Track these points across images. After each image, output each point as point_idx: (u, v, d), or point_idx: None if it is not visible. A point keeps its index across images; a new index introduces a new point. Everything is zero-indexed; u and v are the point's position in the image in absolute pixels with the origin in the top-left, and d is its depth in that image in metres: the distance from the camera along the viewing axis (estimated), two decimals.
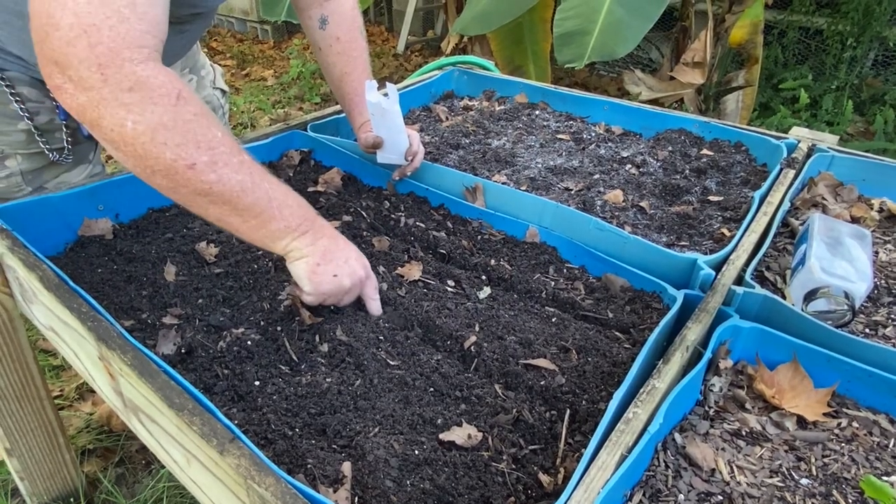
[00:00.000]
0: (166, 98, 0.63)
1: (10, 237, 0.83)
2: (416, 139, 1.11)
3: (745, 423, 0.69)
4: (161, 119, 0.62)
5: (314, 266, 0.74)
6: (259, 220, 0.70)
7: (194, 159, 0.64)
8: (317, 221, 0.77)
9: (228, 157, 0.67)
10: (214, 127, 0.67)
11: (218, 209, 0.68)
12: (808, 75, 3.39)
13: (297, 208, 0.74)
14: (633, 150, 1.27)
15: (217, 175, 0.66)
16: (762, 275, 0.92)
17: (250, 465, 0.51)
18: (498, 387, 0.71)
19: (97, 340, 0.65)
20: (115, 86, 0.60)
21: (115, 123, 0.61)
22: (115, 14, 0.60)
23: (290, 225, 0.73)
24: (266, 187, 0.70)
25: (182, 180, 0.65)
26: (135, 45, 0.62)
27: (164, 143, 0.63)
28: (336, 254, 0.76)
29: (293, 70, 4.06)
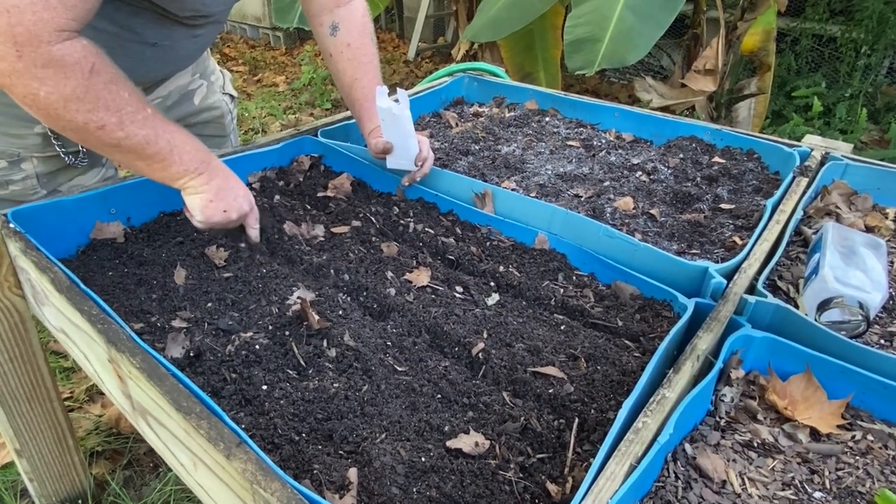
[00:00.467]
0: (79, 72, 0.70)
1: (24, 239, 0.84)
2: (425, 145, 1.11)
3: (757, 435, 0.68)
4: (74, 91, 0.70)
5: (207, 202, 0.87)
6: (162, 164, 0.82)
7: (104, 122, 0.74)
8: (212, 163, 0.88)
9: (134, 114, 0.76)
10: (123, 90, 0.75)
11: (125, 156, 0.80)
12: (822, 83, 3.37)
13: (195, 153, 0.85)
14: (644, 157, 1.26)
15: (125, 132, 0.76)
16: (774, 284, 0.91)
17: (256, 470, 0.51)
18: (506, 394, 0.71)
19: (107, 343, 0.66)
20: (29, 62, 0.66)
21: (27, 92, 0.69)
22: (41, 1, 0.65)
23: (188, 168, 0.84)
24: (167, 137, 0.81)
25: (93, 138, 0.75)
26: (55, 29, 0.67)
27: (76, 111, 0.71)
28: (227, 192, 0.89)
29: (305, 76, 4.09)
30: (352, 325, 0.81)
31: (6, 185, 1.02)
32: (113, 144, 0.77)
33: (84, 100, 0.71)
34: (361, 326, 0.81)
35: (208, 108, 1.25)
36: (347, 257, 0.98)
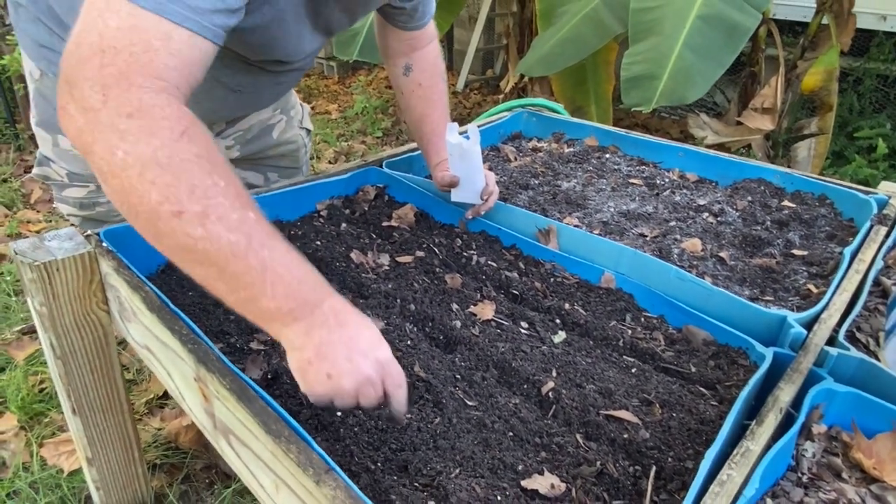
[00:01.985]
0: (168, 131, 0.57)
1: (116, 259, 0.89)
2: (491, 179, 1.13)
3: (843, 494, 0.65)
4: (155, 154, 0.56)
5: (305, 364, 0.62)
6: (248, 293, 0.59)
7: (183, 206, 0.56)
8: (319, 307, 0.62)
9: (226, 211, 0.57)
10: (218, 174, 0.58)
11: (203, 270, 0.59)
12: (886, 124, 3.26)
13: (297, 286, 0.61)
14: (710, 199, 1.25)
15: (205, 230, 0.56)
16: (853, 335, 0.88)
17: (346, 498, 0.52)
18: (579, 436, 0.70)
19: (196, 363, 0.69)
20: (114, 109, 0.56)
21: (106, 151, 0.56)
22: (142, 43, 0.57)
23: (280, 307, 0.60)
24: (264, 255, 0.59)
25: (166, 229, 0.57)
26: (152, 74, 0.57)
27: (151, 182, 0.55)
28: (335, 347, 0.61)
29: (357, 105, 4.22)
30: (421, 355, 0.82)
31: (93, 206, 1.08)
32: (187, 245, 0.57)
33: (166, 169, 0.55)
34: (430, 358, 0.82)
35: (286, 142, 1.30)
36: (412, 287, 1.00)
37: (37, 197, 2.66)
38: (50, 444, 1.39)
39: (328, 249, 1.08)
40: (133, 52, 0.57)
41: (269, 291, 0.59)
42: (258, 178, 1.31)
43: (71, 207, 1.07)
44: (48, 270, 0.87)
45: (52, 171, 1.03)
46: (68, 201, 1.06)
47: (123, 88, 0.56)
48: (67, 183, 1.03)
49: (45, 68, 0.94)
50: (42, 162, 1.04)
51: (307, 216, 1.20)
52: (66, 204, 1.07)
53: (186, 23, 0.59)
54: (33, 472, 1.33)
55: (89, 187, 1.04)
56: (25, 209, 2.61)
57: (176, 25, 0.59)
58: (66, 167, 1.02)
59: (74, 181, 1.03)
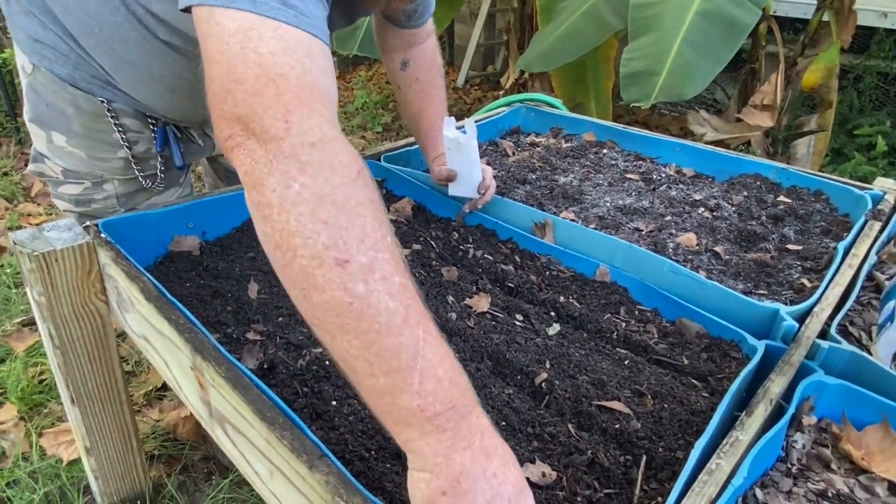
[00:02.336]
0: (347, 169, 0.52)
1: (114, 249, 0.90)
2: (488, 173, 1.13)
3: (832, 485, 0.66)
4: (333, 192, 0.50)
5: (437, 494, 0.49)
6: (390, 379, 0.49)
7: (350, 255, 0.49)
8: (467, 418, 0.51)
9: (391, 270, 0.50)
10: (386, 226, 0.53)
11: (347, 342, 0.49)
12: (886, 122, 3.26)
13: (448, 385, 0.50)
14: (706, 194, 1.26)
15: (367, 288, 0.49)
16: (845, 329, 0.89)
17: (339, 483, 0.52)
18: (571, 426, 0.71)
19: (192, 352, 0.69)
20: (297, 136, 0.51)
21: (280, 183, 0.50)
22: (298, 63, 0.54)
23: (425, 407, 0.49)
24: (419, 335, 0.50)
25: (322, 280, 0.49)
26: (323, 98, 0.54)
27: (324, 222, 0.49)
28: (477, 484, 0.49)
29: (358, 100, 4.22)
30: None
31: (89, 202, 1.09)
32: (342, 304, 0.49)
33: (341, 209, 0.50)
34: None
35: None
36: None
37: (37, 190, 2.67)
38: (49, 434, 1.41)
39: None
40: (297, 75, 0.53)
41: (416, 384, 0.49)
42: None
43: (67, 204, 1.07)
44: (47, 260, 0.88)
45: (47, 168, 1.04)
46: (64, 197, 1.06)
47: (305, 114, 0.52)
48: (62, 180, 1.04)
49: (37, 63, 0.94)
50: (37, 158, 1.04)
51: None
52: (62, 200, 1.07)
53: (313, 30, 0.56)
54: (32, 462, 1.34)
55: (84, 184, 1.05)
56: (26, 202, 2.62)
57: (311, 37, 0.56)
58: (60, 164, 1.02)
59: (69, 178, 1.03)
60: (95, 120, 0.99)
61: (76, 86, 0.95)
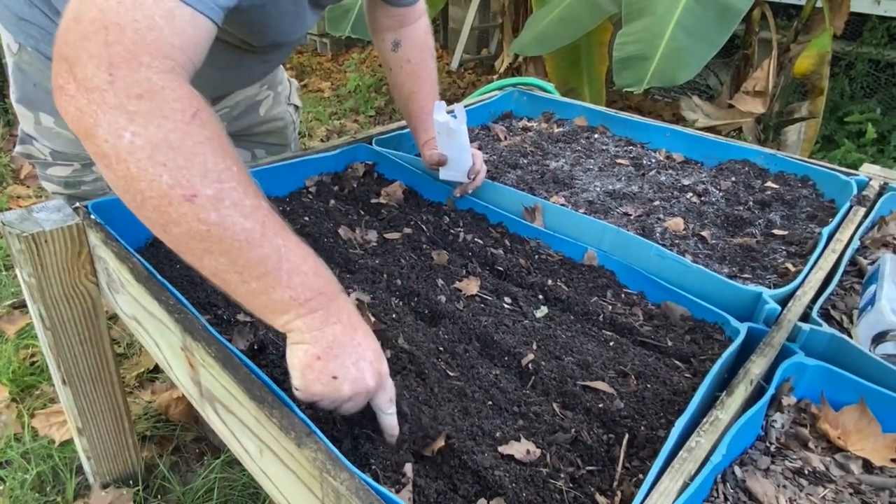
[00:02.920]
0: (179, 114, 0.54)
1: (104, 231, 0.90)
2: (479, 158, 1.14)
3: (808, 462, 0.68)
4: (167, 136, 0.53)
5: (312, 359, 0.59)
6: (261, 283, 0.57)
7: (196, 190, 0.53)
8: (335, 301, 0.61)
9: (240, 196, 0.55)
10: (231, 158, 0.56)
11: (213, 261, 0.56)
12: (877, 109, 3.28)
13: (314, 277, 0.59)
14: (695, 179, 1.27)
15: (219, 215, 0.54)
16: (827, 313, 0.90)
17: (326, 460, 0.54)
18: (556, 405, 0.72)
19: (182, 332, 0.70)
20: (122, 90, 0.52)
21: (111, 133, 0.52)
22: (146, 20, 0.54)
23: (297, 296, 0.58)
24: (279, 243, 0.57)
25: (176, 215, 0.53)
26: (159, 54, 0.54)
27: (163, 164, 0.52)
28: (346, 349, 0.60)
29: (351, 83, 4.19)
30: (405, 328, 0.84)
31: (78, 185, 1.08)
32: (199, 233, 0.54)
33: (178, 151, 0.53)
34: (415, 331, 0.84)
35: (273, 118, 1.30)
36: (399, 263, 1.01)
37: (27, 172, 2.64)
38: (41, 416, 1.41)
39: (316, 225, 1.09)
40: (137, 28, 0.53)
41: (284, 280, 0.57)
42: (245, 156, 1.31)
43: (56, 186, 1.07)
44: (36, 242, 0.88)
45: (35, 150, 1.03)
46: (53, 180, 1.06)
47: (133, 68, 0.53)
48: (51, 161, 1.03)
49: (23, 42, 0.93)
50: (24, 140, 1.03)
51: (295, 192, 1.21)
52: (50, 182, 1.07)
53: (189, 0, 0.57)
54: (25, 443, 1.35)
55: (73, 166, 1.04)
56: (15, 184, 2.59)
57: (179, 3, 0.56)
58: (48, 145, 1.01)
59: (58, 160, 1.03)
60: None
61: None
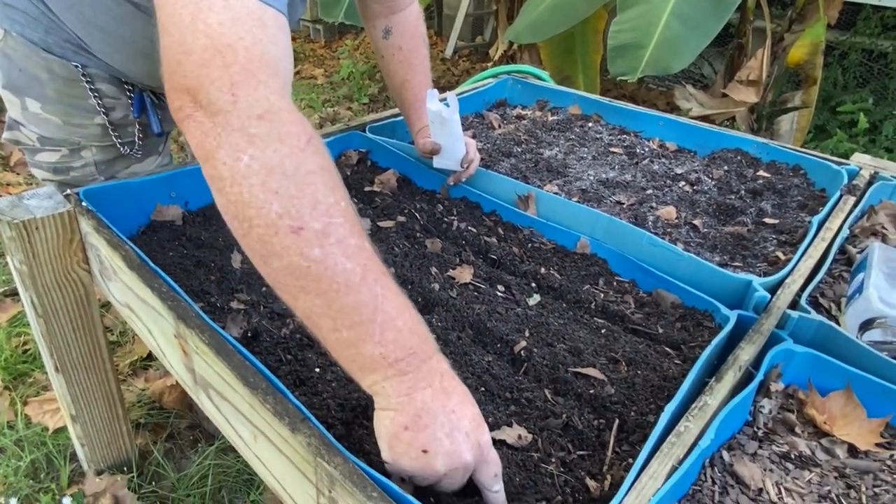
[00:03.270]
0: (295, 138, 0.53)
1: (95, 218, 0.89)
2: (472, 147, 1.13)
3: (795, 447, 0.69)
4: (282, 162, 0.52)
5: (399, 429, 0.54)
6: (353, 332, 0.53)
7: (304, 222, 0.51)
8: (427, 362, 0.55)
9: (345, 233, 0.53)
10: (339, 191, 0.55)
11: (309, 301, 0.53)
12: (869, 99, 3.29)
13: (408, 335, 0.55)
14: (688, 168, 1.27)
15: (323, 252, 0.52)
16: (816, 301, 0.92)
17: (320, 445, 0.54)
18: (547, 392, 0.73)
19: (176, 319, 0.70)
20: (244, 110, 0.52)
21: (230, 156, 0.52)
22: (248, 34, 0.54)
23: (387, 354, 0.53)
24: (378, 291, 0.54)
25: (280, 247, 0.52)
26: (270, 69, 0.54)
27: (275, 192, 0.51)
28: (437, 418, 0.54)
29: (344, 70, 4.15)
30: None
31: (67, 171, 1.07)
32: (299, 268, 0.52)
33: (291, 179, 0.51)
34: None
35: None
36: (393, 251, 1.02)
37: (16, 159, 2.61)
38: (34, 403, 1.41)
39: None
40: (245, 46, 0.53)
41: (377, 334, 0.53)
42: None
43: (45, 172, 1.06)
44: (27, 229, 0.87)
45: (23, 136, 1.02)
46: (42, 166, 1.05)
47: (252, 87, 0.53)
48: (39, 147, 1.02)
49: (8, 27, 0.92)
50: (12, 126, 1.02)
51: None
52: (39, 169, 1.06)
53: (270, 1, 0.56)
54: (18, 430, 1.35)
55: (61, 151, 1.03)
56: (5, 171, 2.57)
57: (264, 6, 0.55)
58: (36, 131, 1.00)
59: (46, 145, 1.02)
60: (70, 85, 0.97)
61: (49, 51, 0.93)
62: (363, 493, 0.50)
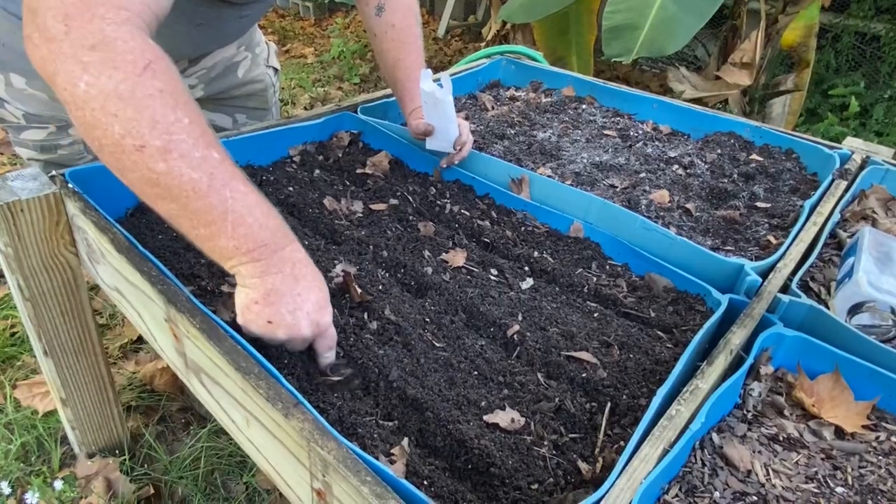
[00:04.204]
0: (131, 66, 0.57)
1: (82, 200, 0.88)
2: (465, 129, 1.12)
3: (783, 429, 0.70)
4: (117, 87, 0.56)
5: (251, 302, 0.65)
6: (208, 230, 0.61)
7: (144, 140, 0.57)
8: (278, 252, 0.65)
9: (189, 148, 0.59)
10: (182, 110, 0.59)
11: (167, 206, 0.61)
12: (861, 82, 3.29)
13: (258, 230, 0.63)
14: (681, 151, 1.27)
15: (167, 165, 0.58)
16: (806, 285, 0.92)
17: (314, 429, 0.54)
18: (540, 375, 0.74)
19: (166, 303, 0.69)
20: (76, 40, 0.56)
21: (68, 82, 0.56)
22: None
23: (239, 246, 0.62)
24: (226, 195, 0.61)
25: (129, 163, 0.58)
26: (115, 4, 0.58)
27: (114, 115, 0.56)
28: (284, 299, 0.64)
29: (334, 49, 4.09)
30: (392, 300, 0.84)
31: (54, 149, 1.05)
32: (150, 180, 0.59)
33: (128, 102, 0.56)
34: (401, 302, 0.84)
35: (252, 80, 1.27)
36: (385, 234, 1.01)
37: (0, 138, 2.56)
38: (23, 386, 1.40)
39: (301, 196, 1.08)
40: None
41: (228, 230, 0.61)
42: (226, 121, 1.28)
43: (31, 151, 1.03)
44: (12, 211, 0.86)
45: (7, 113, 0.99)
46: (27, 144, 1.03)
47: (86, 19, 0.56)
48: (24, 125, 1.00)
49: None
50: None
51: (279, 161, 1.19)
52: (25, 147, 1.03)
53: None
54: (7, 413, 1.35)
55: (48, 129, 1.01)
56: None
57: None
58: (21, 108, 0.98)
59: (32, 122, 0.99)
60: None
61: None
62: (357, 477, 0.50)
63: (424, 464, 0.60)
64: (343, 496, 0.52)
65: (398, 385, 0.70)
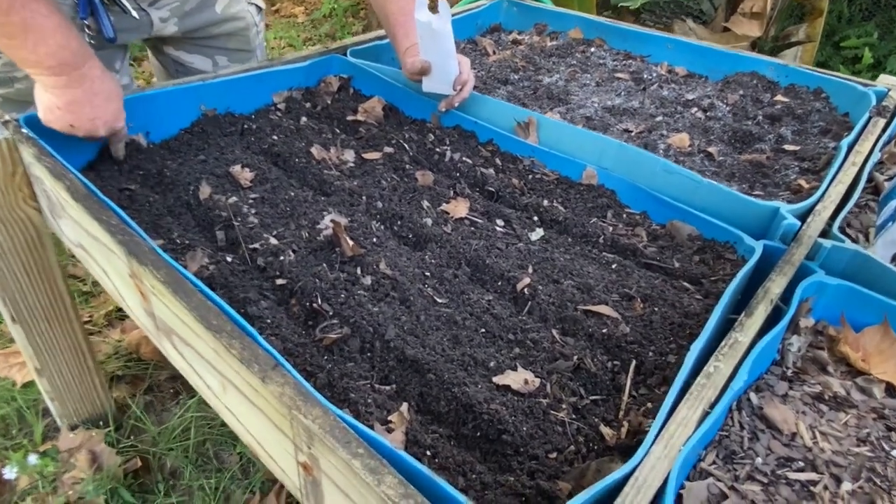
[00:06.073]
0: None
1: (37, 146, 0.78)
2: (466, 66, 1.02)
3: (828, 387, 0.62)
4: None
5: (53, 107, 0.78)
6: (13, 42, 0.73)
7: None
8: (78, 70, 0.76)
9: None
10: None
11: None
12: (874, 33, 3.15)
13: (57, 50, 0.74)
14: (700, 93, 1.17)
15: None
16: (843, 231, 0.84)
17: (295, 395, 0.46)
18: (555, 332, 0.65)
19: (127, 255, 0.61)
20: None
21: None
22: None
23: (40, 62, 0.74)
24: (24, 15, 0.71)
25: None
26: None
27: None
28: (84, 109, 0.78)
29: (325, 7, 3.91)
30: (387, 253, 0.75)
31: (10, 82, 0.96)
32: None
33: None
34: (398, 255, 0.76)
35: (232, 17, 1.15)
36: (380, 185, 0.92)
37: None
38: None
39: (286, 144, 0.98)
40: None
41: (30, 48, 0.73)
42: (206, 63, 1.17)
43: None
44: None
45: None
46: None
47: None
48: None
49: None
50: None
51: (263, 109, 1.09)
52: None
53: None
54: None
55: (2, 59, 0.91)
56: None
57: None
58: None
59: None
60: None
61: None
62: (347, 449, 0.42)
63: (426, 432, 0.53)
64: (332, 471, 0.44)
65: (396, 345, 0.62)
